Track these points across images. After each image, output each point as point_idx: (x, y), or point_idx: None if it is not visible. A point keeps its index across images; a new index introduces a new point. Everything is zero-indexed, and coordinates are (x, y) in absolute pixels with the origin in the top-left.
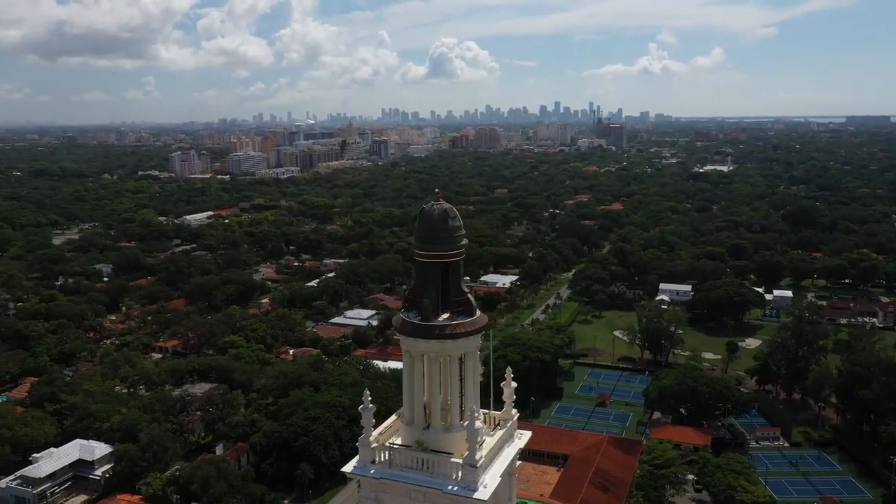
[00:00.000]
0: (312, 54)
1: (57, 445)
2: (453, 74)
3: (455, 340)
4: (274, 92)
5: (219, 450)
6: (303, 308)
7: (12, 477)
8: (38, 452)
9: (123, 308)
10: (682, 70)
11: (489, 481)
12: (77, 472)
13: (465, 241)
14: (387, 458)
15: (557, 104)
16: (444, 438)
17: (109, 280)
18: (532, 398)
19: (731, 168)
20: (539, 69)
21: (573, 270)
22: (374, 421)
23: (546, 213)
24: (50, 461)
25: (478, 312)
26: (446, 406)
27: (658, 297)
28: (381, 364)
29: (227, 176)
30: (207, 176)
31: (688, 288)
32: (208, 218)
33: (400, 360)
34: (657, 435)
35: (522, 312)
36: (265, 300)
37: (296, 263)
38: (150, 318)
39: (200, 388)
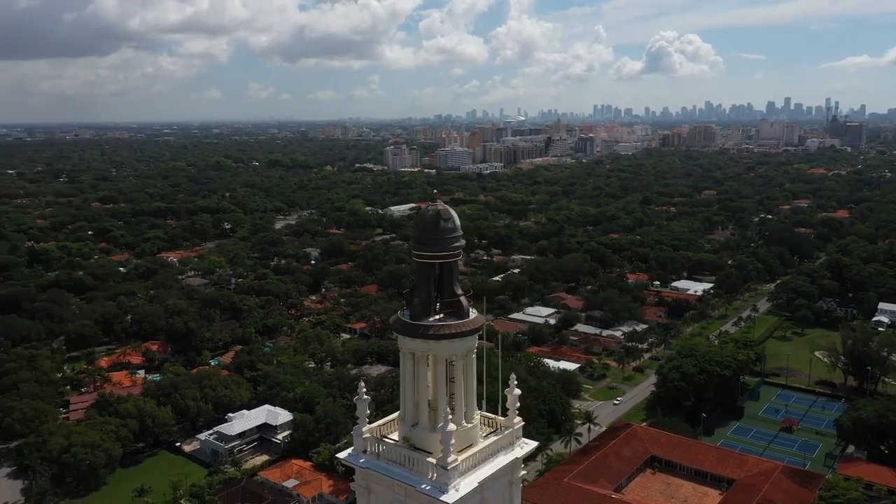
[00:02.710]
0: (526, 51)
1: (249, 408)
2: (671, 69)
3: (439, 341)
4: (488, 89)
5: None
6: (486, 301)
7: (211, 431)
8: (232, 413)
9: (323, 290)
10: None
11: (463, 485)
12: (263, 435)
13: (459, 244)
14: (376, 449)
15: (787, 100)
16: (429, 437)
17: (315, 263)
18: (704, 414)
19: None
20: (768, 62)
21: (777, 282)
22: (368, 412)
23: (755, 219)
24: (241, 421)
25: (472, 315)
26: (435, 405)
27: (875, 318)
28: (551, 363)
29: (434, 170)
30: (415, 169)
31: None
32: (410, 209)
33: (572, 361)
34: (845, 471)
35: (712, 323)
36: None
37: (484, 257)
38: (343, 300)
39: (377, 370)
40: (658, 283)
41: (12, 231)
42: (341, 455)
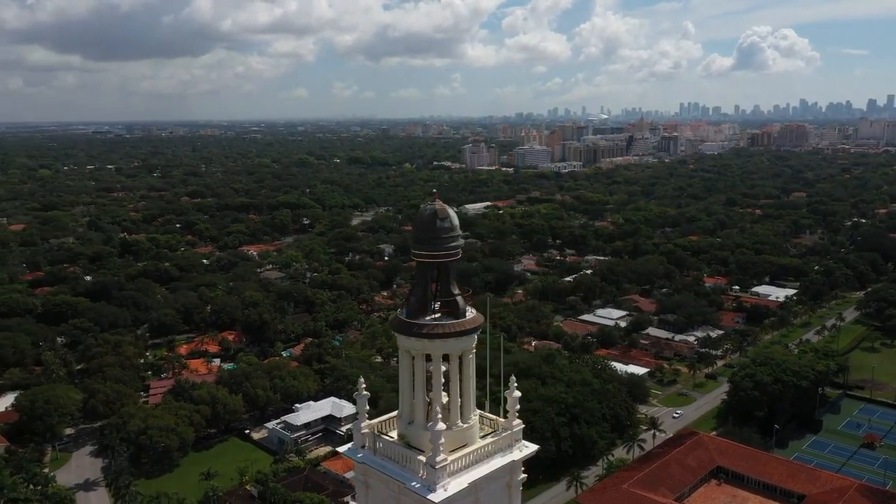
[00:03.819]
0: (611, 48)
1: (315, 400)
2: (763, 66)
3: (433, 340)
4: (570, 87)
5: None
6: (555, 302)
7: (278, 421)
8: (299, 403)
9: (394, 286)
10: None
11: (453, 485)
12: (327, 426)
13: (456, 243)
14: (373, 445)
15: (891, 98)
16: (423, 435)
17: (388, 259)
18: (776, 426)
19: None
20: (871, 58)
21: (867, 290)
22: (367, 407)
23: (847, 223)
24: (307, 412)
25: (468, 315)
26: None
27: None
28: (620, 366)
29: (512, 168)
30: (493, 168)
31: None
32: (485, 208)
33: (641, 365)
34: None
35: (793, 331)
36: (520, 291)
37: (558, 257)
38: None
39: (444, 367)
40: (737, 287)
41: (108, 223)
42: (341, 449)
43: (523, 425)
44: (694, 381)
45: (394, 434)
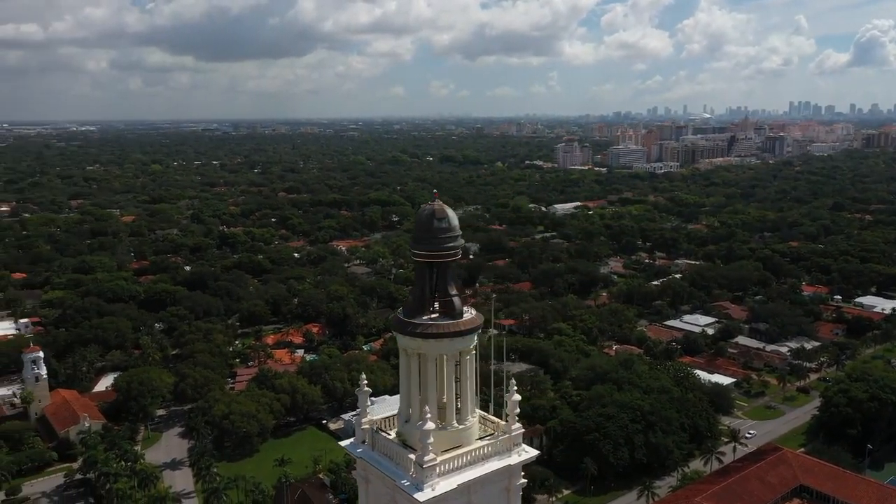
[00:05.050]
0: (715, 44)
1: (391, 394)
2: (884, 61)
3: (427, 340)
4: (671, 85)
5: None
6: (640, 306)
7: (354, 412)
8: (375, 397)
9: (477, 284)
10: None
11: (442, 485)
12: None
13: (454, 244)
14: (372, 441)
15: None
16: (416, 434)
17: (473, 258)
18: (870, 446)
19: None
20: None
21: None
22: (369, 403)
23: None
24: (383, 406)
25: (465, 316)
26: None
27: None
28: (704, 375)
29: (605, 168)
30: (586, 167)
31: None
32: (574, 208)
33: (727, 375)
34: None
35: None
36: (604, 293)
37: (647, 260)
38: (494, 296)
39: (518, 368)
40: (839, 297)
41: (209, 216)
42: (343, 443)
43: (523, 430)
44: (784, 394)
45: (394, 432)
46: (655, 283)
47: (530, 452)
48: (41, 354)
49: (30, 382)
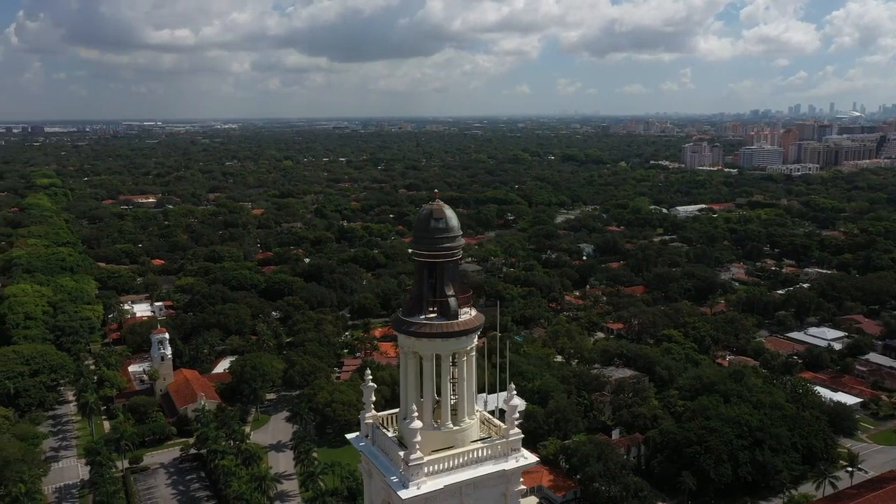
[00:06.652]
0: (868, 37)
1: (489, 393)
2: None
3: (420, 339)
4: (817, 81)
5: (614, 434)
6: (761, 315)
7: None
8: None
9: (588, 286)
10: None
11: (428, 484)
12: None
13: (451, 244)
14: (373, 437)
15: None
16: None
17: (586, 259)
18: None
19: None
20: None
21: None
22: (373, 399)
23: None
24: (479, 404)
25: (462, 316)
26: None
27: None
28: (825, 393)
29: (735, 169)
30: (714, 168)
31: None
32: (698, 210)
33: (853, 394)
34: None
35: None
36: (722, 300)
37: (773, 267)
38: (605, 298)
39: (622, 373)
40: None
41: (331, 211)
42: (349, 436)
43: (521, 435)
44: None
45: (394, 429)
46: (780, 291)
47: (529, 459)
48: (167, 336)
49: (156, 361)
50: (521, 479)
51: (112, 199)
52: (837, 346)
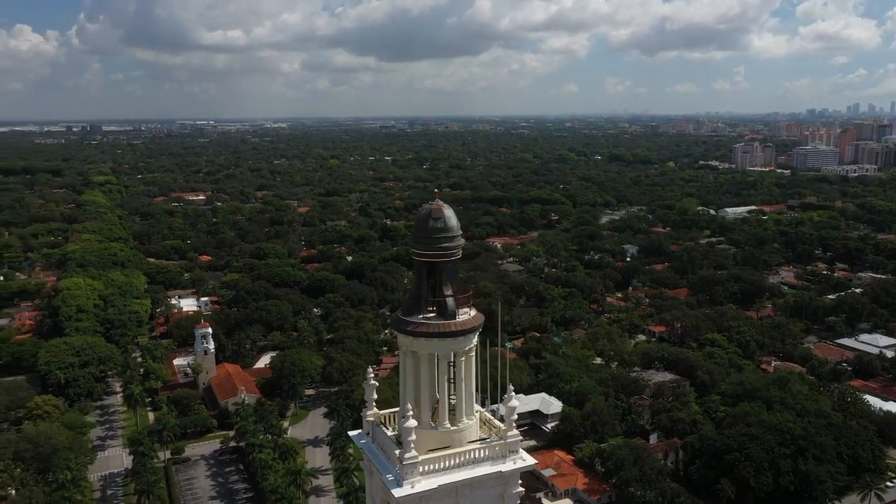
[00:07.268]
0: None
1: (526, 394)
2: None
3: (417, 338)
4: (878, 79)
5: (652, 439)
6: (809, 321)
7: (487, 409)
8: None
9: (630, 288)
10: None
11: (422, 483)
12: (534, 420)
13: (450, 244)
14: (373, 434)
15: None
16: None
17: (630, 260)
18: None
19: None
20: None
21: None
22: (375, 397)
23: None
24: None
25: (460, 317)
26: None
27: None
28: (876, 402)
29: (788, 170)
30: (766, 169)
31: None
32: (748, 212)
33: None
34: None
35: None
36: (769, 304)
37: (824, 272)
38: (647, 301)
39: (662, 377)
40: None
41: (375, 209)
42: (352, 433)
43: (520, 437)
44: None
45: (394, 428)
46: (831, 296)
47: (527, 461)
48: (210, 330)
49: (199, 355)
50: (522, 480)
51: (164, 197)
52: (890, 353)
